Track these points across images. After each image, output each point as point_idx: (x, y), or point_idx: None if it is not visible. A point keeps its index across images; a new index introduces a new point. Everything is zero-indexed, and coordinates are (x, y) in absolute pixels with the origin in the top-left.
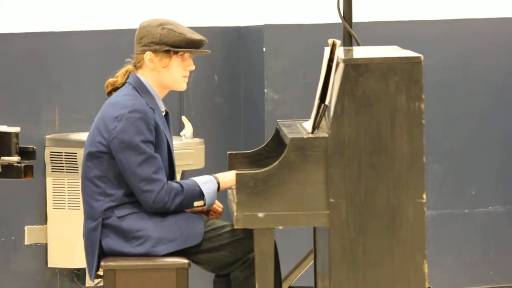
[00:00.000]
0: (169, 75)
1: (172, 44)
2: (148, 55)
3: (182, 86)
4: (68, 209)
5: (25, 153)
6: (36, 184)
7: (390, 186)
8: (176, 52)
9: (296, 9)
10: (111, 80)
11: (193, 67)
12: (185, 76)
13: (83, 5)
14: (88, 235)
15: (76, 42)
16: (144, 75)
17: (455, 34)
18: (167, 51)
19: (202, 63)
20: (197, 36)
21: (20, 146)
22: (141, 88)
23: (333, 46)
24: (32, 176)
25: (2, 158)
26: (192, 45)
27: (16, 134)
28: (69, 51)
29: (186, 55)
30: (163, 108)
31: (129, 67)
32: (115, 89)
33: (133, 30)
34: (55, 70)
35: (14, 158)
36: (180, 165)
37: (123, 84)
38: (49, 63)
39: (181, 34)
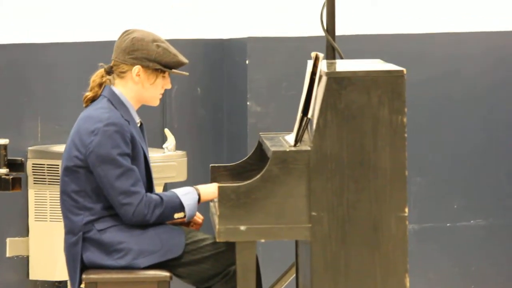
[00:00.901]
0: (151, 92)
1: (164, 63)
2: (137, 68)
3: (156, 102)
4: (50, 221)
5: (13, 165)
6: (18, 196)
7: (372, 199)
8: (163, 71)
9: (279, 22)
10: (90, 95)
11: (170, 86)
12: (161, 94)
13: (67, 17)
14: (69, 249)
15: (59, 53)
16: (123, 86)
17: (438, 47)
18: (157, 70)
19: (185, 75)
20: (184, 59)
21: (8, 158)
22: (115, 101)
23: (316, 59)
24: (20, 188)
25: None
26: (178, 66)
27: (5, 146)
28: (52, 63)
29: (167, 74)
30: (138, 119)
31: (105, 76)
32: (93, 100)
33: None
34: (38, 82)
35: (3, 170)
36: (162, 178)
37: (99, 95)
38: (32, 75)
39: (175, 56)
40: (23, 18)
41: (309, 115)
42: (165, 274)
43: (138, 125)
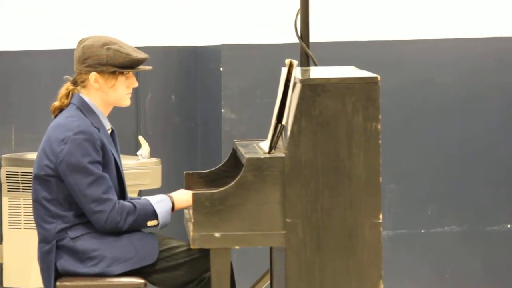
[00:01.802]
0: (115, 95)
1: (118, 65)
2: (93, 75)
3: (126, 102)
4: (24, 228)
5: None
6: None
7: (347, 206)
8: (121, 72)
9: (254, 29)
10: (56, 104)
11: (136, 84)
12: (129, 93)
13: (42, 24)
14: (43, 257)
15: (32, 61)
16: (87, 95)
17: (413, 54)
18: (113, 72)
19: (160, 82)
20: (141, 55)
21: None
22: (85, 108)
23: (290, 66)
24: None
25: None
26: (137, 64)
27: None
28: (26, 70)
29: (130, 73)
30: (108, 126)
31: (70, 86)
32: (61, 110)
33: None
34: (12, 89)
35: None
36: (137, 185)
37: (68, 105)
38: (5, 82)
39: (127, 55)
40: None
41: (284, 122)
42: (139, 281)
43: (109, 131)
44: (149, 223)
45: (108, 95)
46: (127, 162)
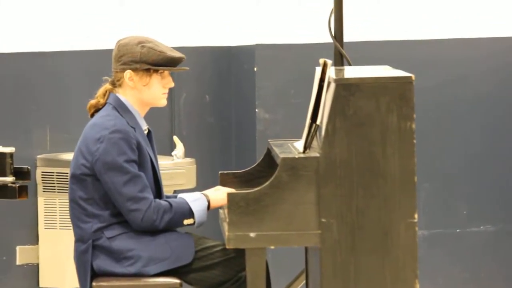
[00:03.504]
0: (150, 93)
1: (152, 62)
2: (128, 73)
3: (162, 102)
4: (60, 229)
5: (20, 174)
6: (28, 204)
7: (382, 205)
8: (156, 70)
9: (288, 29)
10: (93, 102)
11: (172, 84)
12: (165, 93)
13: (75, 25)
14: (79, 257)
15: (67, 62)
16: (123, 94)
17: (446, 53)
18: (147, 70)
19: (194, 82)
20: (176, 54)
21: (14, 166)
22: (121, 108)
23: (324, 65)
24: (27, 196)
25: None
26: (171, 63)
27: (11, 155)
28: (61, 71)
29: (166, 72)
30: (145, 126)
31: (108, 86)
32: (97, 110)
33: None
34: (46, 90)
35: (9, 179)
36: (171, 185)
37: (104, 104)
38: (40, 83)
39: (161, 53)
40: (31, 27)
41: (318, 122)
42: (175, 281)
43: (146, 132)
44: (185, 222)
45: (143, 93)
46: (162, 162)
